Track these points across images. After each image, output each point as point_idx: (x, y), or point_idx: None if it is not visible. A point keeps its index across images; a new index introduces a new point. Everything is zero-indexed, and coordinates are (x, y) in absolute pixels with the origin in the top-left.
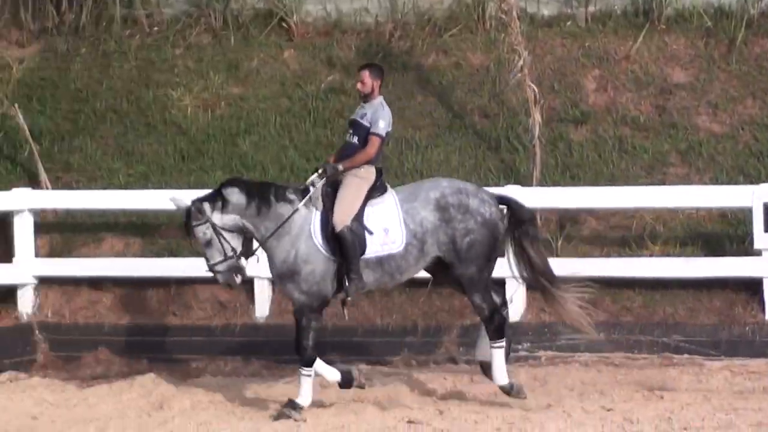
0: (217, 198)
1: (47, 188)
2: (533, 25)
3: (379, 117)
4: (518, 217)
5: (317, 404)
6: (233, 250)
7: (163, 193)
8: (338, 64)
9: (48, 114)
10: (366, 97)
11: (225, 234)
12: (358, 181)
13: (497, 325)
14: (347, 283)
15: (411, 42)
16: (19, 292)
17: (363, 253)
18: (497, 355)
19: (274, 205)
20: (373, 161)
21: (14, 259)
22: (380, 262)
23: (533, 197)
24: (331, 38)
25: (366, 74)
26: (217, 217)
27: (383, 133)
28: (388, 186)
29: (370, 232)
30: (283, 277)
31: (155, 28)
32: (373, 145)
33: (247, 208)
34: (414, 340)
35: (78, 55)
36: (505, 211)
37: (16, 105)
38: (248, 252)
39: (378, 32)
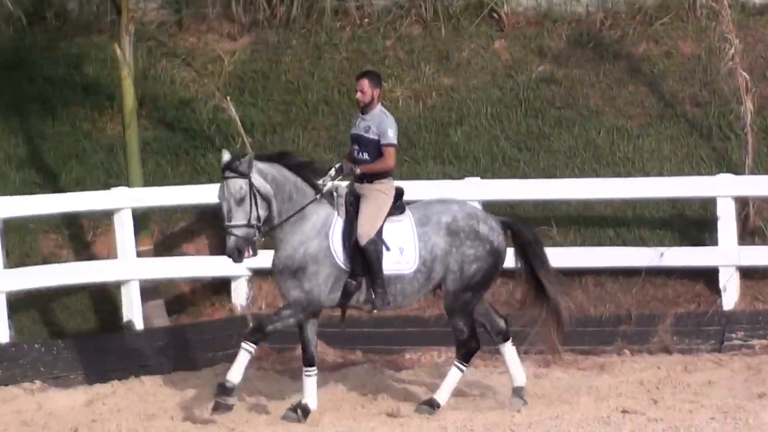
0: (264, 162)
1: None
2: (744, 14)
3: (387, 126)
4: (523, 240)
5: (531, 394)
6: (258, 218)
7: None
8: (549, 54)
9: (260, 106)
10: (365, 108)
11: (258, 199)
12: (383, 196)
13: (469, 351)
14: (374, 296)
15: (621, 31)
16: (233, 285)
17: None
18: (453, 374)
19: (302, 194)
20: (391, 173)
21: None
22: (389, 281)
23: (746, 185)
24: (541, 28)
25: (366, 83)
26: (258, 180)
27: (396, 142)
28: (406, 207)
29: (388, 249)
30: (284, 271)
31: (366, 20)
32: (391, 155)
33: (284, 187)
34: (627, 330)
35: (289, 47)
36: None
37: (228, 98)
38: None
39: (589, 21)
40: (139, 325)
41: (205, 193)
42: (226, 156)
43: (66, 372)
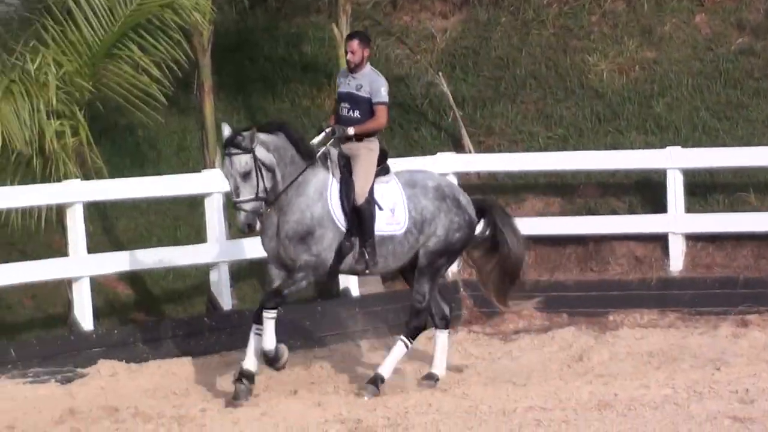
0: (265, 133)
1: (470, 152)
2: None
3: (380, 85)
4: (493, 215)
5: (730, 353)
6: (265, 190)
7: (581, 155)
8: (747, 26)
9: (470, 81)
10: (356, 68)
11: (263, 171)
12: (372, 154)
13: (418, 326)
14: (366, 256)
15: None
16: None
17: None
18: (397, 350)
19: (303, 158)
20: (381, 130)
21: None
22: (381, 242)
23: None
24: (740, 2)
25: (355, 44)
26: (261, 152)
27: (388, 101)
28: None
29: (380, 208)
30: (293, 237)
31: None
32: (383, 113)
33: (286, 152)
34: None
35: (498, 24)
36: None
37: (440, 73)
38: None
39: None
40: (354, 292)
41: (433, 165)
42: (226, 132)
43: (285, 336)
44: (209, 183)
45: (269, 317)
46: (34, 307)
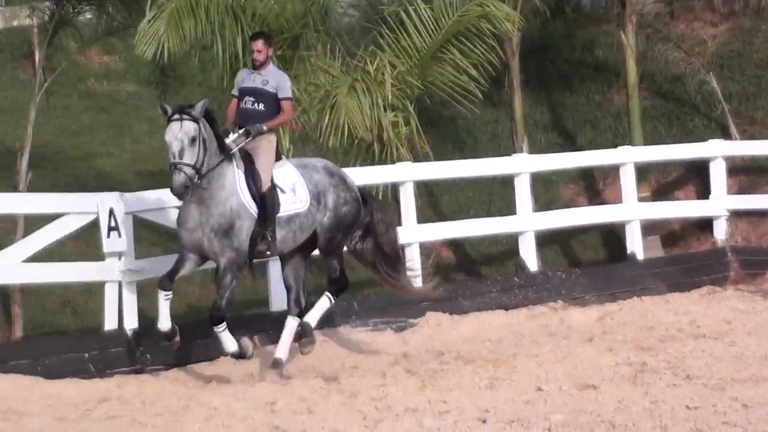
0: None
1: (736, 139)
2: None
3: (286, 82)
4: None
5: None
6: (201, 163)
7: None
8: None
9: (736, 79)
10: (260, 66)
11: (202, 144)
12: (270, 145)
13: (340, 287)
14: (269, 239)
15: None
16: (715, 223)
17: (278, 211)
18: (323, 302)
19: (218, 152)
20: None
21: (710, 197)
22: (289, 220)
23: None
24: None
25: (260, 43)
26: (204, 126)
27: (292, 96)
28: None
29: (283, 191)
30: (218, 231)
31: None
32: (290, 108)
33: (212, 141)
34: None
35: (759, 31)
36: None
37: (711, 73)
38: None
39: None
40: (640, 255)
41: (693, 150)
42: (170, 106)
43: (582, 294)
44: (518, 165)
45: (220, 331)
46: None
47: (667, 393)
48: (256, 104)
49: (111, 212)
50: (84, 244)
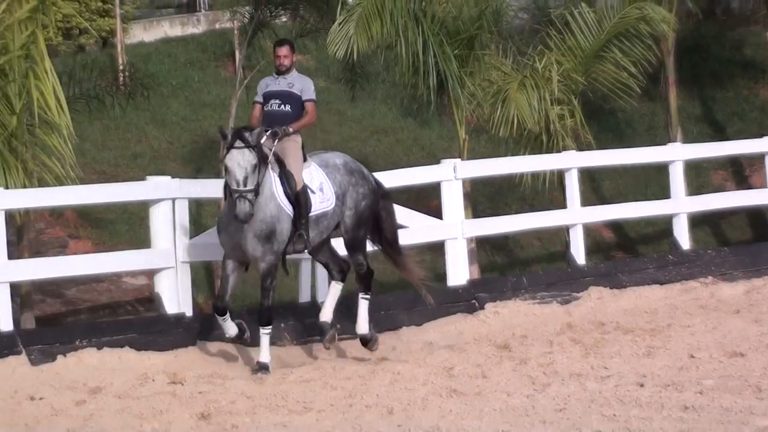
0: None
1: None
2: None
3: (310, 85)
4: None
5: None
6: (258, 184)
7: None
8: None
9: None
10: (286, 71)
11: (260, 166)
12: (298, 146)
13: (369, 281)
14: (306, 237)
15: None
16: None
17: (310, 211)
18: (363, 306)
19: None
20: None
21: None
22: (317, 219)
23: None
24: None
25: (286, 49)
26: (258, 149)
27: (316, 98)
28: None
29: (313, 192)
30: (260, 236)
31: None
32: (314, 110)
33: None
34: None
35: None
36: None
37: None
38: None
39: None
40: None
41: None
42: (229, 131)
43: (730, 270)
44: (672, 153)
45: (265, 333)
46: (540, 246)
47: None
48: (282, 106)
49: None
50: None
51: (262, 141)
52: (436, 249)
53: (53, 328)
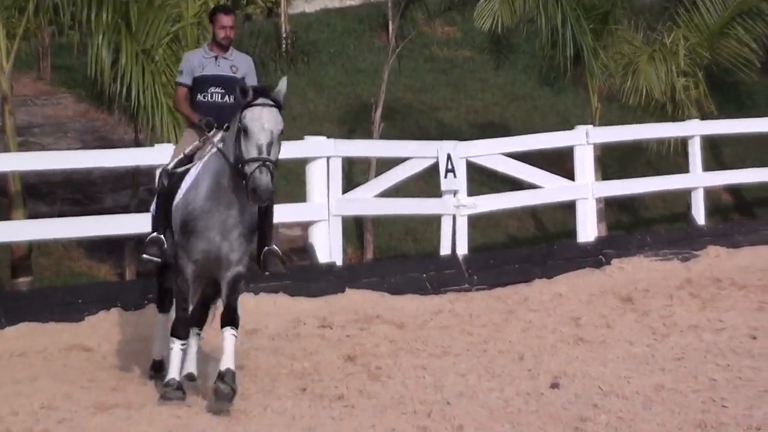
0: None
1: None
2: None
3: (253, 68)
4: None
5: None
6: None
7: None
8: None
9: None
10: (227, 47)
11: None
12: None
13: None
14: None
15: None
16: None
17: None
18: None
19: None
20: None
21: None
22: None
23: None
24: None
25: (232, 19)
26: None
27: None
28: None
29: None
30: (247, 235)
31: None
32: None
33: None
34: None
35: None
36: None
37: None
38: None
39: None
40: None
41: None
42: (283, 84)
43: None
44: None
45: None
46: (663, 207)
47: None
48: (225, 97)
49: (448, 157)
50: (424, 183)
51: (219, 137)
52: (569, 207)
53: None
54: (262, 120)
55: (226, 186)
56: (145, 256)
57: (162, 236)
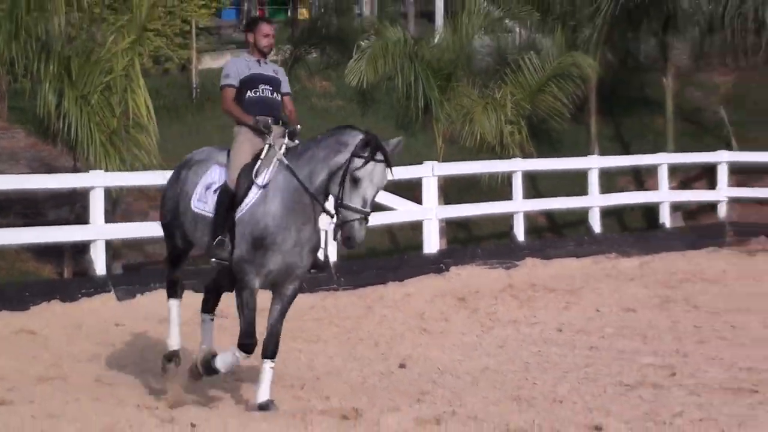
0: None
1: (736, 150)
2: None
3: (286, 77)
4: None
5: None
6: None
7: None
8: None
9: (738, 112)
10: (268, 53)
11: None
12: None
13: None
14: None
15: None
16: (718, 205)
17: None
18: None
19: None
20: None
21: (717, 187)
22: None
23: None
24: None
25: (273, 28)
26: None
27: None
28: None
29: None
30: (317, 248)
31: None
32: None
33: None
34: None
35: (753, 80)
36: None
37: (721, 107)
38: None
39: None
40: (668, 225)
41: (705, 157)
42: (396, 141)
43: (628, 249)
44: (591, 163)
45: (271, 367)
46: (492, 227)
47: (681, 316)
48: (273, 93)
49: None
50: None
51: (277, 135)
52: (417, 226)
53: (135, 274)
54: (374, 176)
55: (301, 202)
56: (214, 260)
57: (226, 239)
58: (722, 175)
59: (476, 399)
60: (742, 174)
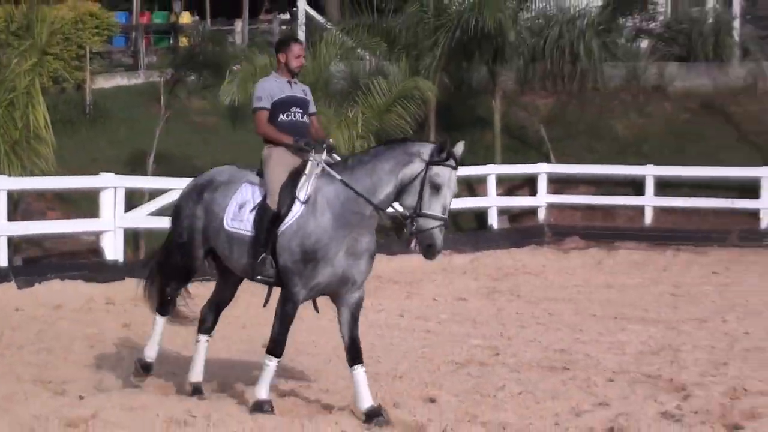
0: None
1: (554, 163)
2: None
3: (311, 96)
4: None
5: None
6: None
7: None
8: None
9: (555, 130)
10: (298, 73)
11: None
12: None
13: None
14: None
15: None
16: (539, 210)
17: None
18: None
19: None
20: None
21: (537, 195)
22: None
23: None
24: None
25: (303, 49)
26: None
27: None
28: None
29: None
30: (374, 255)
31: None
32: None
33: None
34: None
35: (570, 103)
36: None
37: (542, 125)
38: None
39: None
40: (495, 226)
41: (527, 168)
42: (460, 147)
43: (462, 246)
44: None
45: (364, 371)
46: None
47: (506, 305)
48: (303, 116)
49: None
50: None
51: (318, 154)
52: None
53: (33, 265)
54: (451, 182)
55: (359, 213)
56: (259, 277)
57: (269, 257)
58: (542, 184)
59: (329, 375)
60: (558, 183)
